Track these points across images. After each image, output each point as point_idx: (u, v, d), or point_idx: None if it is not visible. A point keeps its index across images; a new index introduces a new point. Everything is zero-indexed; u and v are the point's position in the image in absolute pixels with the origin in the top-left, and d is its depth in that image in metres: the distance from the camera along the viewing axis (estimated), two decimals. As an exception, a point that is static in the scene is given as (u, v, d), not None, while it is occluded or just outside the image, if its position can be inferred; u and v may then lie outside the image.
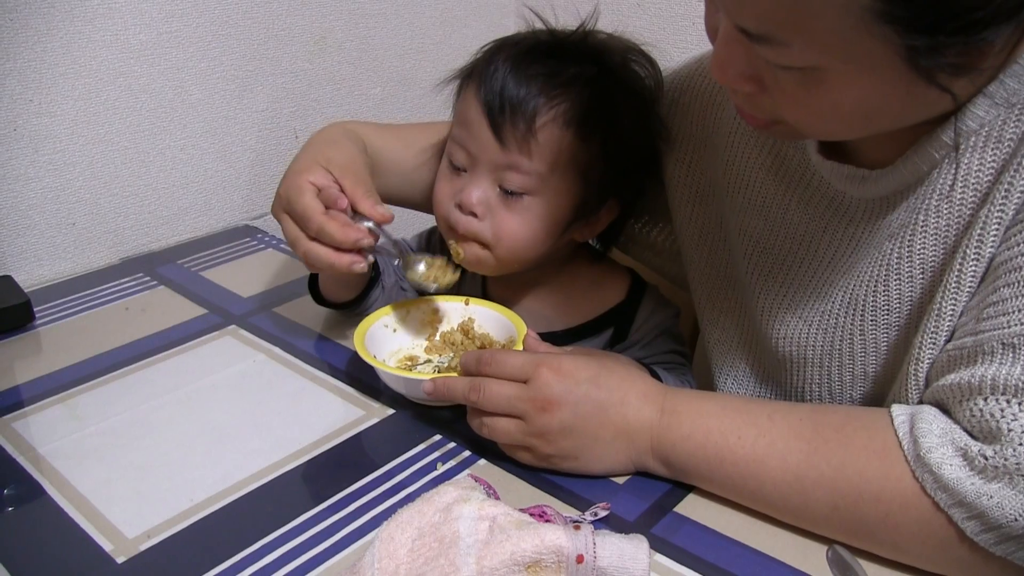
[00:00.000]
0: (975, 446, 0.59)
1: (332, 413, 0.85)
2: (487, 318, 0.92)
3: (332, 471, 0.77)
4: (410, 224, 1.08)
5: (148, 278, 1.15)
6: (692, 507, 0.72)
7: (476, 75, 0.87)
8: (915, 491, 0.61)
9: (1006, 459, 0.57)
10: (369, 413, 0.85)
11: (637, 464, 0.74)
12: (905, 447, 0.62)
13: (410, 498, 0.71)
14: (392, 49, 1.47)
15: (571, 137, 0.84)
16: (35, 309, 1.04)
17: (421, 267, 0.88)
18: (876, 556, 0.65)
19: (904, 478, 0.62)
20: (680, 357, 0.97)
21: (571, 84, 0.84)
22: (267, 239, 1.27)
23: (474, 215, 0.86)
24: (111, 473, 0.77)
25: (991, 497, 0.58)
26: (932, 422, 0.62)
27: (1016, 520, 0.57)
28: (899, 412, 0.65)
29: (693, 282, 0.94)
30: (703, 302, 0.93)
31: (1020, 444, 0.57)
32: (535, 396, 0.71)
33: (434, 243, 1.05)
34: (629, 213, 0.96)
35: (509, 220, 0.86)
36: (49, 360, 0.95)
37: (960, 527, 0.60)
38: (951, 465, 0.59)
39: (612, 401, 0.72)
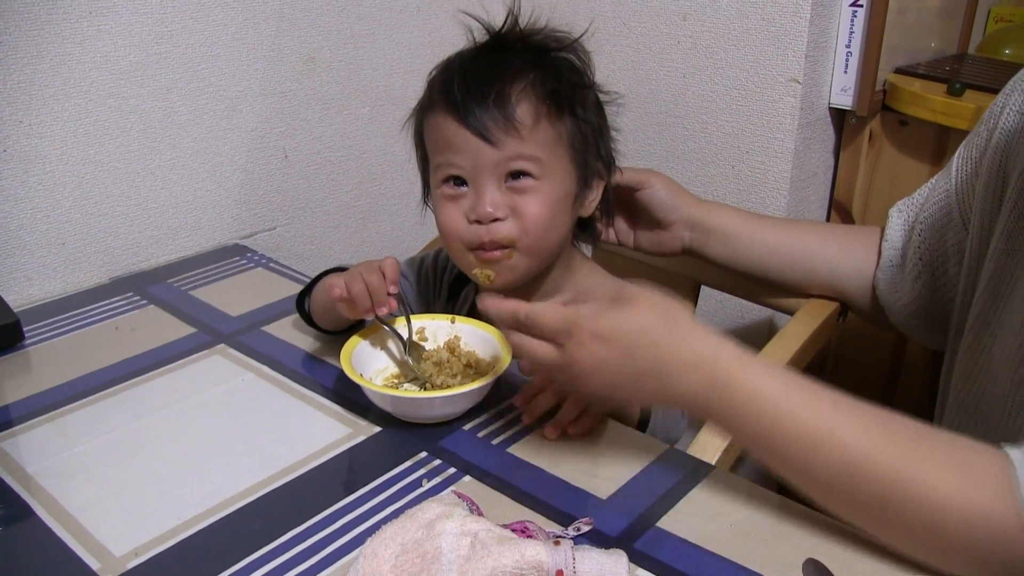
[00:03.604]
0: None
1: (319, 431, 0.86)
2: (473, 336, 0.93)
3: (319, 488, 0.77)
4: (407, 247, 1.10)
5: (138, 297, 1.16)
6: (674, 522, 0.72)
7: (437, 100, 0.89)
8: (986, 511, 0.61)
9: None
10: (356, 431, 0.86)
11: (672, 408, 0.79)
12: (1018, 467, 0.62)
13: (396, 515, 0.72)
14: (380, 69, 1.48)
15: (548, 105, 0.88)
16: (24, 329, 1.05)
17: (425, 364, 0.90)
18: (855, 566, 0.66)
19: (978, 494, 0.62)
20: None
21: (522, 69, 0.88)
22: (256, 258, 1.28)
23: (497, 219, 0.88)
24: (99, 492, 0.78)
25: None
26: None
27: None
28: (1013, 448, 0.64)
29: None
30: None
31: None
32: (568, 363, 0.70)
33: (424, 271, 1.06)
34: (610, 180, 0.99)
35: (529, 205, 0.88)
36: (38, 379, 0.96)
37: None
38: None
39: (652, 372, 0.69)
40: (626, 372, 0.69)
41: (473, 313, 1.01)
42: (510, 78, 0.87)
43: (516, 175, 0.88)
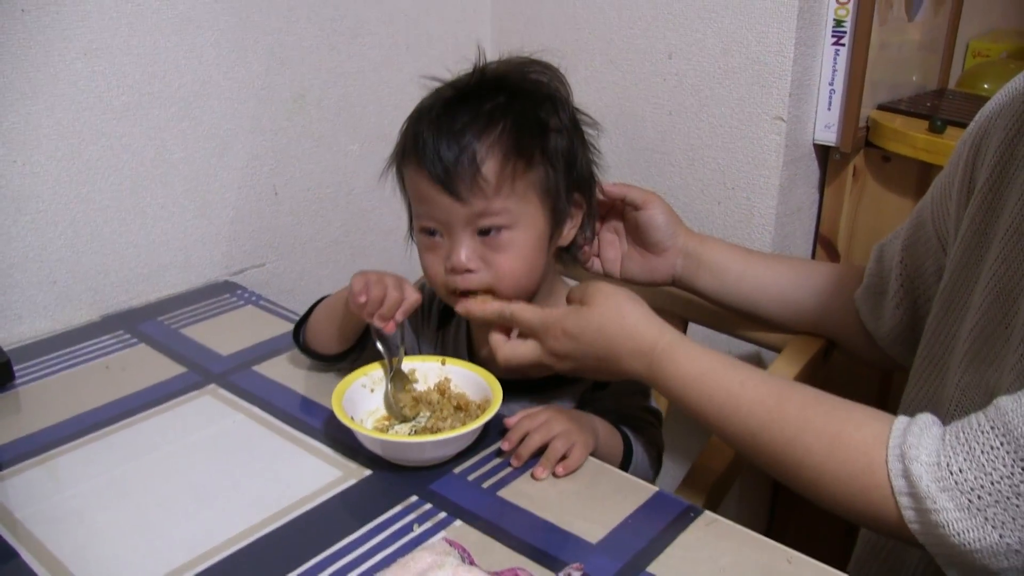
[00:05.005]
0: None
1: (310, 474, 0.86)
2: (463, 378, 0.93)
3: (310, 533, 0.78)
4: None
5: (128, 335, 1.16)
6: (665, 567, 0.73)
7: (409, 153, 0.92)
8: (853, 472, 0.74)
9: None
10: (347, 474, 0.86)
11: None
12: (894, 435, 0.73)
13: (386, 560, 0.72)
14: (370, 106, 1.50)
15: (514, 159, 0.89)
16: (15, 368, 1.05)
17: (403, 395, 0.93)
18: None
19: (849, 455, 0.74)
20: (651, 416, 1.00)
21: (492, 118, 0.89)
22: (246, 295, 1.29)
23: (470, 270, 0.90)
24: (89, 537, 0.78)
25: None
26: (928, 428, 0.73)
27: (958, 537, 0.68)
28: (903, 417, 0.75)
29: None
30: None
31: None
32: (546, 354, 0.89)
33: (427, 297, 1.07)
34: (592, 204, 1.01)
35: (502, 259, 0.90)
36: (29, 421, 0.96)
37: (899, 507, 0.71)
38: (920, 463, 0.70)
39: (608, 359, 0.87)
40: (588, 359, 0.88)
41: (471, 347, 1.02)
42: (478, 131, 0.88)
43: (487, 230, 0.89)
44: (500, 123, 0.89)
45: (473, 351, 1.03)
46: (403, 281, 0.92)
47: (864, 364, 1.15)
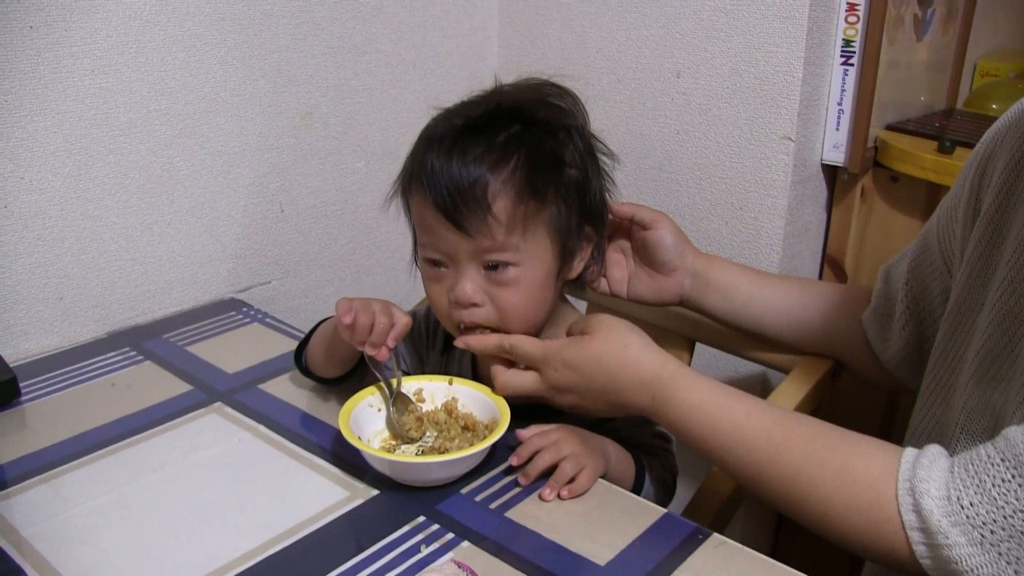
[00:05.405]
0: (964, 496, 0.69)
1: (317, 493, 0.86)
2: (470, 398, 0.93)
3: (318, 554, 0.77)
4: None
5: (134, 352, 1.16)
6: (674, 590, 0.72)
7: (417, 181, 0.89)
8: (860, 506, 0.73)
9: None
10: (354, 494, 0.85)
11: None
12: (903, 468, 0.73)
13: (394, 582, 0.72)
14: (376, 124, 1.50)
15: (527, 198, 0.87)
16: (21, 384, 1.04)
17: (406, 417, 0.92)
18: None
19: (855, 489, 0.74)
20: (663, 442, 1.00)
21: (505, 151, 0.86)
22: (252, 313, 1.29)
23: (475, 304, 0.89)
24: (94, 556, 0.77)
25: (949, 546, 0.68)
26: (936, 460, 0.72)
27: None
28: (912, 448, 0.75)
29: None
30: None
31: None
32: (547, 386, 0.88)
33: (417, 323, 1.06)
34: (602, 234, 0.99)
35: (508, 296, 0.89)
36: (34, 438, 0.95)
37: (911, 542, 0.71)
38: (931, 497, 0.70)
39: (609, 390, 0.86)
40: (590, 391, 0.87)
41: (476, 373, 1.01)
42: (491, 164, 0.86)
43: (494, 265, 0.88)
44: (514, 156, 0.87)
45: (479, 377, 1.02)
46: (390, 306, 0.90)
47: (871, 386, 1.14)
